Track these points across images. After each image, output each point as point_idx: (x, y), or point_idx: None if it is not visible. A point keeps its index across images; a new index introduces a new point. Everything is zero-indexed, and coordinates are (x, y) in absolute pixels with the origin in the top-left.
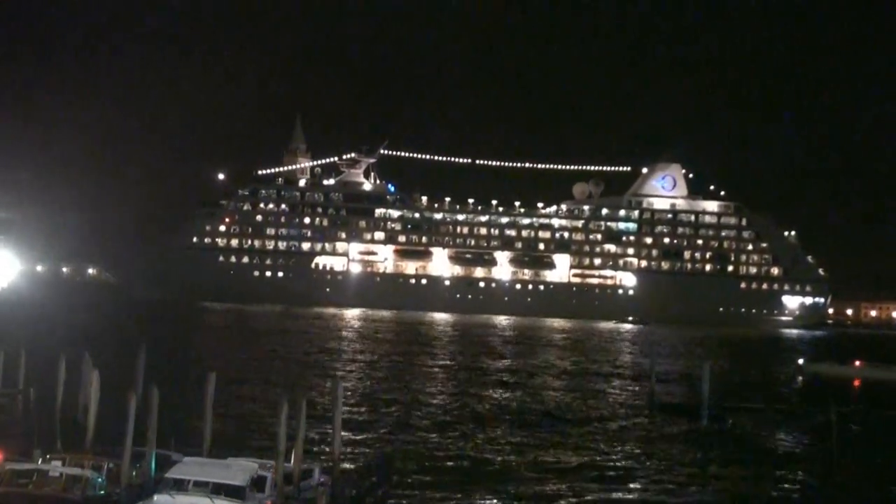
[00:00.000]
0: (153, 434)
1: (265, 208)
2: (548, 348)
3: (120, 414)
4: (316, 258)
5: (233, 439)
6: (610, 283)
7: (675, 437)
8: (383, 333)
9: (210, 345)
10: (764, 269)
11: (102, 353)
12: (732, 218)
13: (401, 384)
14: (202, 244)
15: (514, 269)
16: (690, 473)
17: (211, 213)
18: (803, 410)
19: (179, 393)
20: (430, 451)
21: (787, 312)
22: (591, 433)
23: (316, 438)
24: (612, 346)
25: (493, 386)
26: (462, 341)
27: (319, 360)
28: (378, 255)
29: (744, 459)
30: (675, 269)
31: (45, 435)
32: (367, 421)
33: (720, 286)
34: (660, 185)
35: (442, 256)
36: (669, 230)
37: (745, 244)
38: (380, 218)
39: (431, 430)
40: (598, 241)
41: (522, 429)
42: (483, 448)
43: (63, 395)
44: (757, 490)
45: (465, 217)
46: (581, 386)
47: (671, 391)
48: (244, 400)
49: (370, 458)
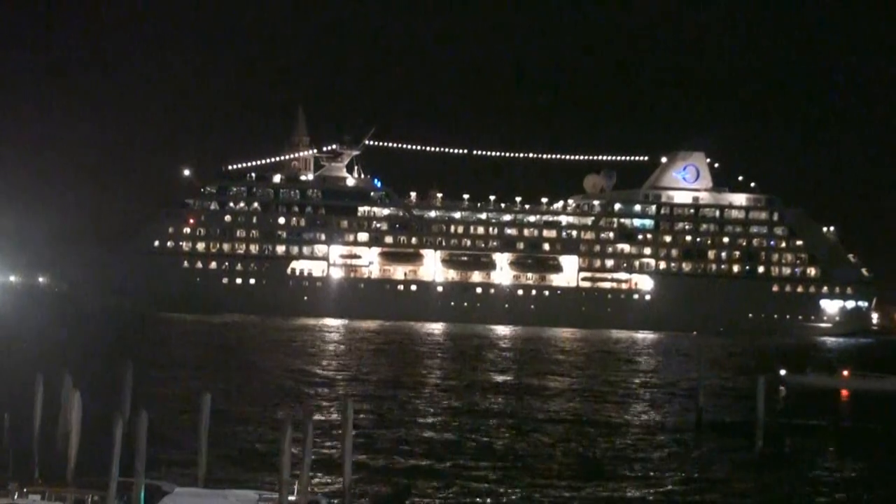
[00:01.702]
0: (141, 463)
1: (234, 208)
2: (561, 362)
3: (104, 440)
4: (292, 263)
5: (230, 467)
6: (624, 287)
7: (726, 460)
8: (371, 346)
9: (189, 362)
10: (799, 269)
11: (83, 373)
12: (763, 212)
13: (406, 405)
14: (164, 248)
15: (516, 272)
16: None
17: (175, 213)
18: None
19: (169, 416)
20: (451, 482)
21: (825, 318)
22: (632, 458)
23: (322, 465)
24: (636, 357)
25: (510, 403)
26: (461, 355)
27: (302, 377)
28: (362, 258)
29: (804, 487)
30: (697, 270)
31: (22, 465)
32: (378, 446)
33: (749, 289)
34: (681, 176)
35: (434, 259)
36: (691, 227)
37: (777, 242)
38: (363, 217)
39: (449, 456)
40: (611, 241)
41: (552, 452)
42: (510, 477)
43: (41, 419)
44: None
45: (461, 215)
46: (614, 402)
47: (721, 407)
48: (241, 422)
49: (384, 488)
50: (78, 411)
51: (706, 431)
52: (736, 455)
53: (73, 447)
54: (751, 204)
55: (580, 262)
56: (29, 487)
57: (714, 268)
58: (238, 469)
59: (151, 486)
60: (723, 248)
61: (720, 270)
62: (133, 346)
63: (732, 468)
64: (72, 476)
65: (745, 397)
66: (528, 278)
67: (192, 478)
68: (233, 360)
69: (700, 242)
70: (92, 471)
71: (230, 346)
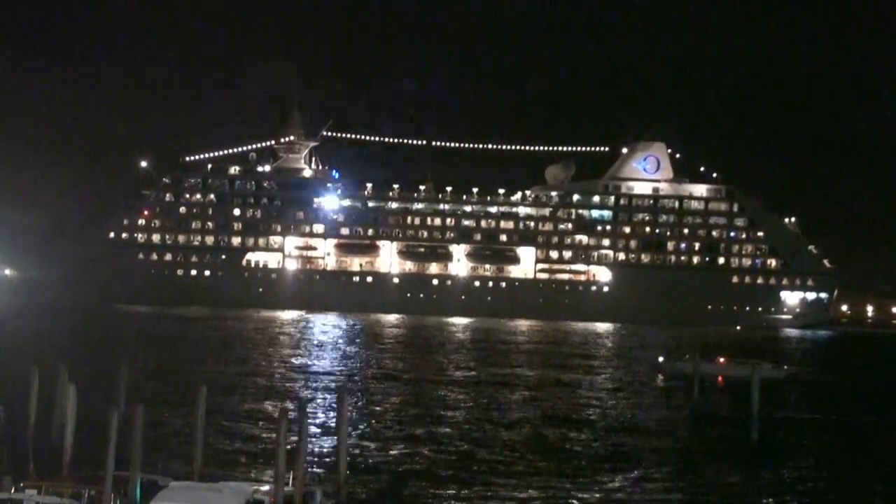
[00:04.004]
0: (137, 457)
1: (190, 199)
2: (530, 354)
3: (100, 434)
4: (247, 254)
5: (225, 460)
6: (582, 278)
7: (720, 452)
8: (340, 337)
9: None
10: (759, 260)
11: (79, 366)
12: (723, 203)
13: (394, 398)
14: (120, 240)
15: (473, 264)
16: (738, 494)
17: (131, 205)
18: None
19: (164, 409)
20: (447, 472)
21: (786, 310)
22: (624, 450)
23: (317, 457)
24: (602, 346)
25: (502, 395)
26: (476, 349)
27: (290, 370)
28: (318, 249)
29: (798, 480)
30: (656, 261)
31: (17, 459)
32: (374, 438)
33: (709, 281)
34: (641, 167)
35: (390, 251)
36: (650, 218)
37: (737, 233)
38: (319, 208)
39: (446, 448)
40: (569, 232)
41: (543, 444)
42: (503, 469)
43: (36, 413)
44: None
45: (417, 206)
46: (597, 393)
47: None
48: (235, 415)
49: (379, 480)
50: (74, 404)
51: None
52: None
53: (68, 441)
54: (711, 195)
55: (538, 253)
56: (25, 482)
57: (673, 259)
58: (233, 462)
59: (147, 480)
60: (682, 239)
61: (680, 262)
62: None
63: (724, 460)
64: (68, 470)
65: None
66: (485, 270)
67: (187, 470)
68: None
69: (659, 233)
70: (88, 465)
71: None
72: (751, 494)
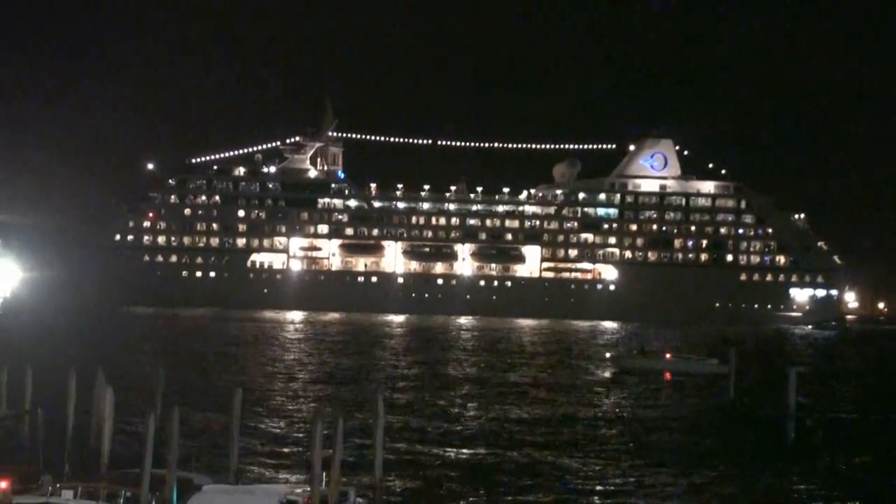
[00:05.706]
0: (174, 457)
1: (195, 201)
2: (534, 355)
3: (136, 435)
4: (252, 255)
5: (260, 461)
6: (588, 277)
7: (755, 453)
8: (346, 339)
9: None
10: (768, 257)
11: (116, 368)
12: (731, 200)
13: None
14: (125, 242)
15: (478, 263)
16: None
17: (136, 207)
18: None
19: (200, 410)
20: (484, 476)
21: (795, 307)
22: (659, 449)
23: (351, 459)
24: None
25: (527, 398)
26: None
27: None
28: (322, 250)
29: (835, 482)
30: (663, 259)
31: (55, 460)
32: (407, 438)
33: (717, 278)
34: (648, 164)
35: (395, 251)
36: (657, 215)
37: (745, 230)
38: (324, 209)
39: (477, 449)
40: (574, 230)
41: (576, 442)
42: (543, 470)
43: (74, 415)
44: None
45: (421, 206)
46: (628, 394)
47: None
48: (269, 416)
49: (414, 480)
50: (111, 406)
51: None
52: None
53: (105, 442)
54: (719, 192)
55: (543, 252)
56: (62, 483)
57: (680, 257)
58: (266, 463)
59: (183, 478)
60: (690, 236)
61: (687, 259)
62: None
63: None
64: (104, 471)
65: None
66: (490, 269)
67: (223, 470)
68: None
69: (666, 231)
70: (124, 465)
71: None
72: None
